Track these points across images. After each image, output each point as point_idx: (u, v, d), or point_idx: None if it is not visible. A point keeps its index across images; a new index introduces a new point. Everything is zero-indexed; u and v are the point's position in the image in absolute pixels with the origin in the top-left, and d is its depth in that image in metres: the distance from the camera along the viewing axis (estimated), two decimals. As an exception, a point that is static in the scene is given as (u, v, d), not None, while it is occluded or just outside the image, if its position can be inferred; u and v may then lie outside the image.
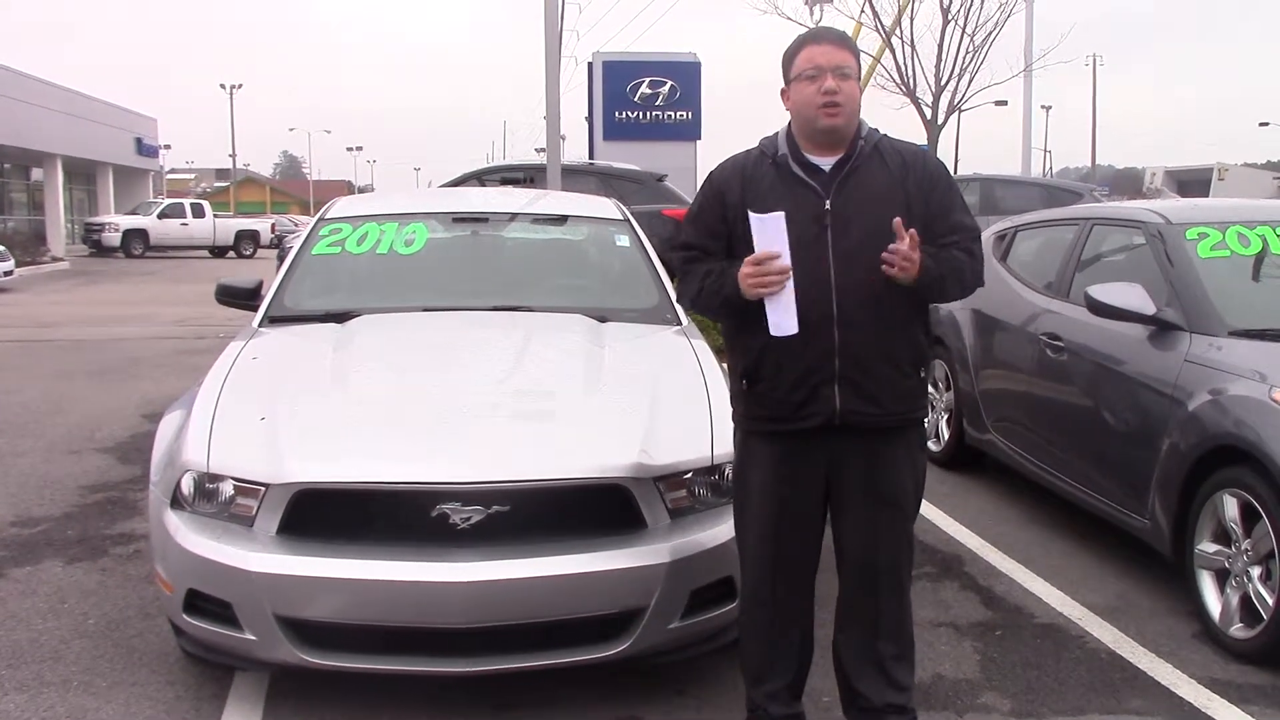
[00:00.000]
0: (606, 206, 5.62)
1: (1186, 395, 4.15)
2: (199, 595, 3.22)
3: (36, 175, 35.56)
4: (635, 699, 3.44)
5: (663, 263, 4.91)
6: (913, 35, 23.35)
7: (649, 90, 21.48)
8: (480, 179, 13.09)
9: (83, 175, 39.00)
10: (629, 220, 5.33)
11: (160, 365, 10.28)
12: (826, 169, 2.85)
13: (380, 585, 3.04)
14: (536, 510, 3.18)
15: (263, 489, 3.17)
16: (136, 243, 34.23)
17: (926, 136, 23.37)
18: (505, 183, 12.23)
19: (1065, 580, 4.57)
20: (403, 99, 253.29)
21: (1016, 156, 29.87)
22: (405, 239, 4.90)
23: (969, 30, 23.00)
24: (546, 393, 3.73)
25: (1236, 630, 3.84)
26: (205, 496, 3.30)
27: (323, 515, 3.17)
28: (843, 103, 2.78)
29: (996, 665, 3.77)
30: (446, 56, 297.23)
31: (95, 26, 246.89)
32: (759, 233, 2.74)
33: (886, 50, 23.36)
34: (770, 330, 2.75)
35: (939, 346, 6.19)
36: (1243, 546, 3.83)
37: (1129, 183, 45.94)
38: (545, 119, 12.59)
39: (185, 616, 3.28)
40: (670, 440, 3.36)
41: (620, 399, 3.65)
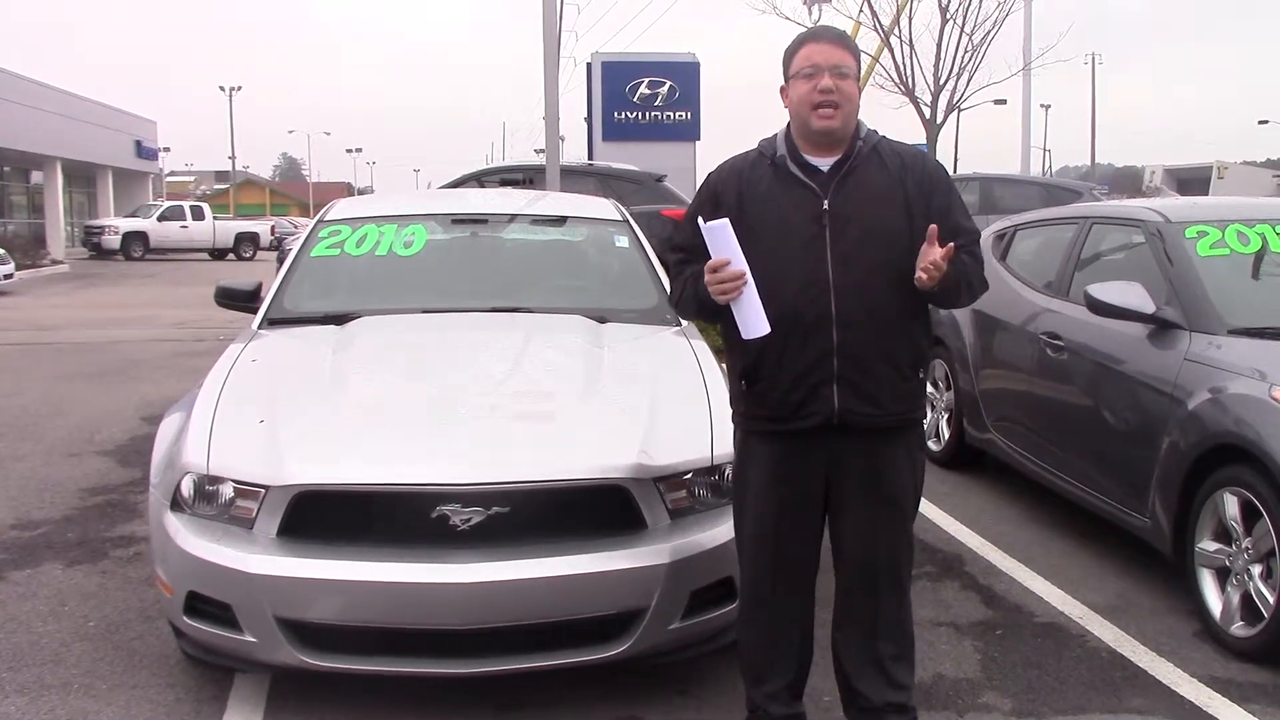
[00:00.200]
0: (605, 207, 5.62)
1: (1186, 394, 4.15)
2: (199, 597, 3.22)
3: (36, 178, 35.57)
4: (636, 699, 3.44)
5: (661, 263, 4.91)
6: (911, 34, 23.39)
7: (648, 91, 21.48)
8: (479, 180, 13.09)
9: (82, 178, 39.02)
10: (628, 221, 5.34)
11: (160, 368, 10.28)
12: (825, 169, 2.85)
13: (380, 587, 3.04)
14: (536, 511, 3.18)
15: (262, 491, 3.17)
16: (136, 245, 34.24)
17: (925, 136, 23.38)
18: (504, 184, 12.23)
19: (1066, 579, 4.57)
20: (402, 100, 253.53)
21: (1016, 155, 29.89)
22: (404, 240, 4.90)
23: (968, 29, 23.03)
24: (546, 394, 3.73)
25: (1237, 629, 3.84)
26: (205, 499, 3.31)
27: (323, 517, 3.17)
28: (840, 102, 2.78)
29: (997, 664, 3.77)
30: (446, 58, 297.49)
31: (95, 27, 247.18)
32: (709, 240, 2.74)
33: (885, 50, 23.38)
34: (742, 334, 2.75)
35: (939, 346, 6.18)
36: (1243, 545, 3.83)
37: (1128, 181, 45.95)
38: (544, 120, 12.59)
39: (185, 618, 3.28)
40: (670, 441, 3.36)
41: (620, 400, 3.65)
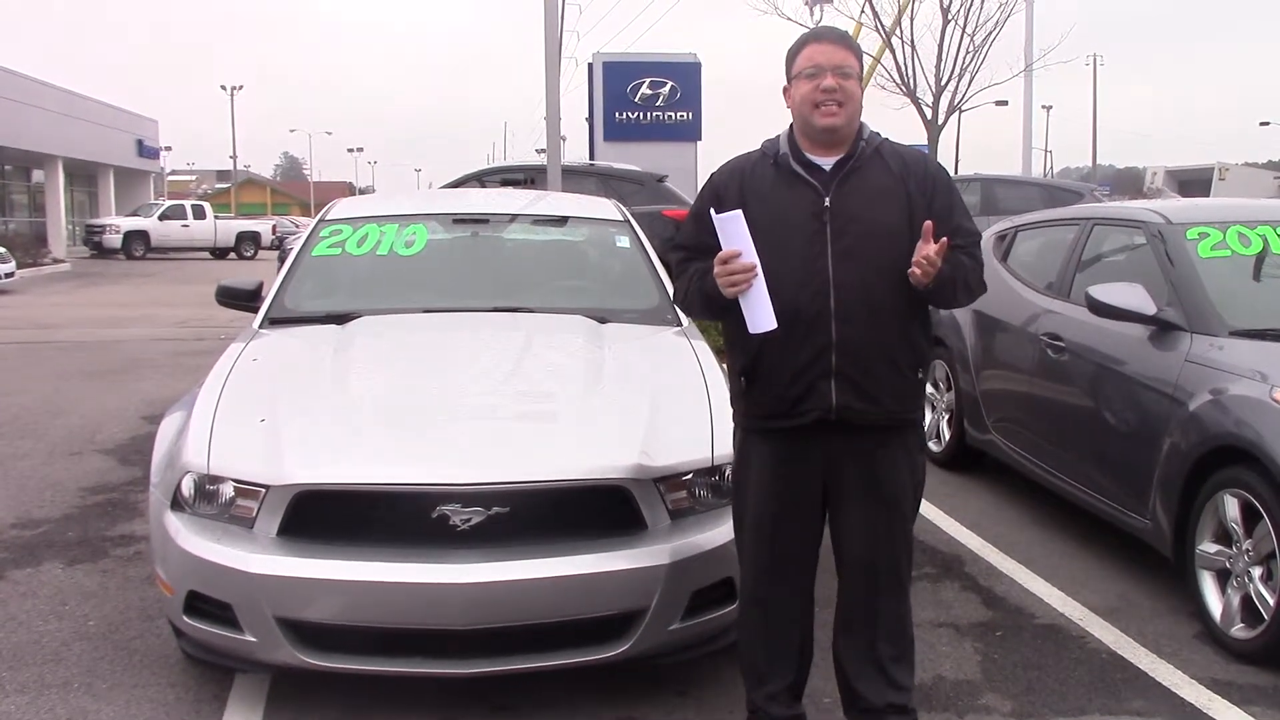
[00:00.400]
0: (606, 207, 5.62)
1: (1187, 395, 4.15)
2: (199, 597, 3.22)
3: (37, 177, 35.59)
4: (636, 700, 3.44)
5: (663, 264, 4.91)
6: (913, 35, 23.37)
7: (649, 91, 21.48)
8: (481, 180, 13.08)
9: (84, 177, 39.04)
10: (629, 221, 5.33)
11: (161, 367, 10.29)
12: (827, 168, 2.86)
13: (380, 587, 3.04)
14: (537, 511, 3.18)
15: (263, 490, 3.17)
16: (137, 244, 34.28)
17: (927, 136, 23.37)
18: (506, 184, 12.23)
19: (1066, 581, 4.57)
20: (404, 100, 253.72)
21: (1017, 156, 29.88)
22: (405, 240, 4.90)
23: (969, 30, 23.01)
24: (546, 394, 3.73)
25: (1238, 631, 3.84)
26: (205, 498, 3.30)
27: (323, 517, 3.17)
28: (843, 101, 2.80)
29: (997, 666, 3.77)
30: (447, 58, 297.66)
31: (97, 26, 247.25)
32: (721, 232, 2.75)
33: (886, 50, 23.36)
34: (749, 328, 2.76)
35: (939, 347, 6.18)
36: (1244, 546, 3.83)
37: (1130, 182, 45.97)
38: (545, 120, 12.58)
39: (185, 618, 3.28)
40: (670, 441, 3.36)
41: (620, 400, 3.65)
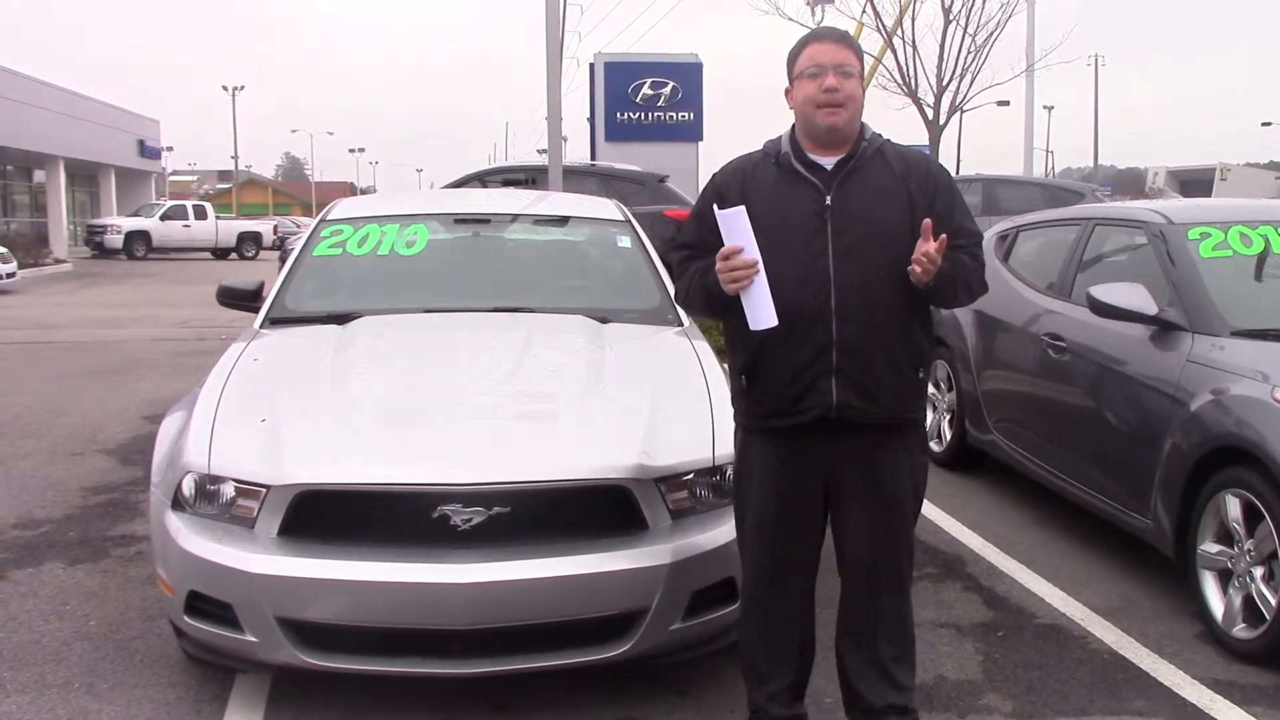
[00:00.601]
0: (608, 208, 5.62)
1: (1189, 395, 4.14)
2: (200, 597, 3.22)
3: (39, 177, 35.60)
4: (636, 700, 3.44)
5: (664, 264, 4.91)
6: (914, 35, 23.35)
7: (650, 91, 21.48)
8: (482, 180, 13.09)
9: (85, 177, 39.05)
10: (630, 221, 5.33)
11: (162, 367, 10.29)
12: (829, 167, 2.87)
13: (381, 587, 3.04)
14: (537, 511, 3.18)
15: (264, 490, 3.17)
16: (139, 244, 34.28)
17: (928, 137, 23.35)
18: (507, 184, 12.23)
19: (1067, 581, 4.57)
20: (405, 100, 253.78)
21: (1018, 157, 29.86)
22: (406, 240, 4.90)
23: (971, 30, 22.97)
24: (547, 394, 3.72)
25: (1239, 631, 3.84)
26: (206, 498, 3.30)
27: (324, 517, 3.17)
28: (844, 100, 2.80)
29: (998, 666, 3.77)
30: (449, 58, 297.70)
31: (98, 26, 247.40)
32: (723, 227, 2.76)
33: (888, 51, 23.34)
34: (750, 326, 2.76)
35: (941, 347, 6.18)
36: (1245, 547, 3.82)
37: (1131, 183, 45.98)
38: (547, 120, 12.59)
39: (186, 618, 3.28)
40: (671, 441, 3.35)
41: (621, 400, 3.65)
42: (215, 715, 3.37)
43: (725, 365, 3.41)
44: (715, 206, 2.81)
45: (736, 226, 2.74)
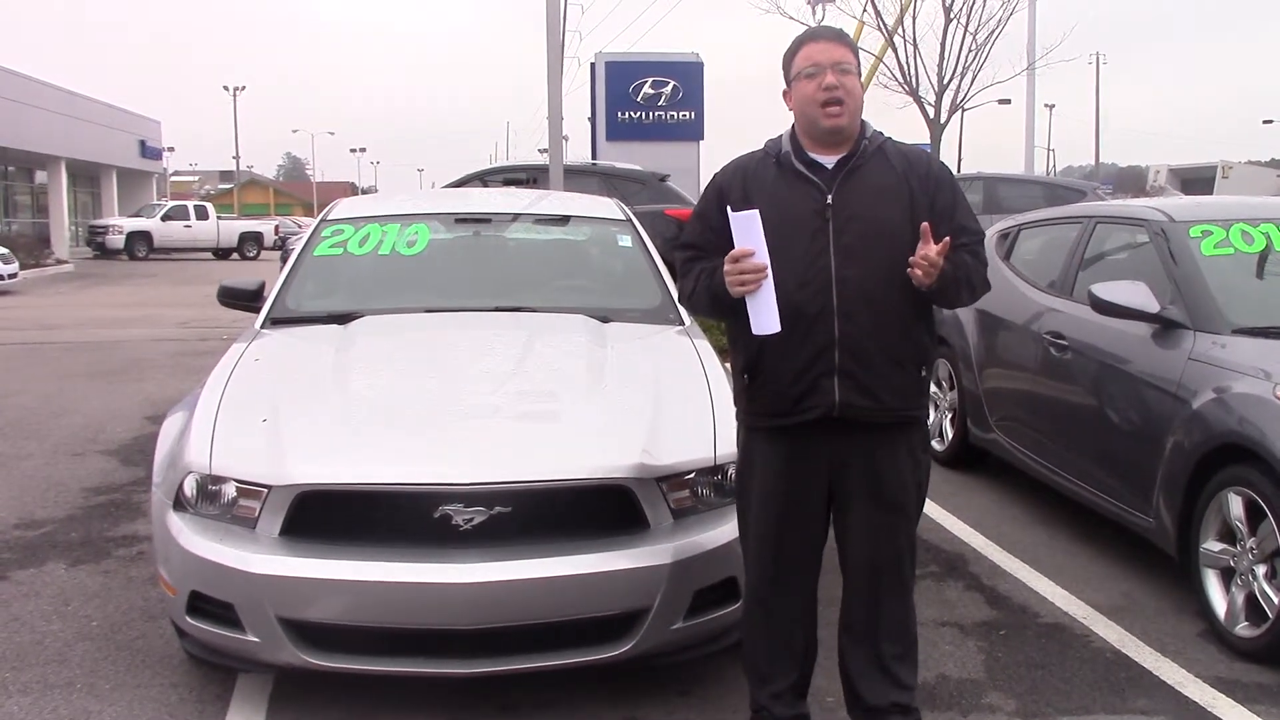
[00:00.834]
0: (609, 207, 5.61)
1: (1191, 393, 4.14)
2: (201, 597, 3.22)
3: (40, 178, 35.62)
4: (638, 700, 3.44)
5: (665, 263, 4.91)
6: (915, 34, 23.34)
7: (651, 90, 21.51)
8: (483, 179, 13.09)
9: (87, 178, 39.08)
10: (631, 220, 5.33)
11: (163, 367, 10.29)
12: (830, 166, 2.86)
13: (383, 587, 3.04)
14: (539, 511, 3.18)
15: (265, 491, 3.17)
16: (140, 245, 34.30)
17: (929, 135, 23.34)
18: (508, 183, 12.24)
19: (1070, 579, 4.56)
20: (406, 100, 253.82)
21: (1019, 155, 29.85)
22: (407, 240, 4.90)
23: (971, 29, 22.97)
24: (549, 393, 3.72)
25: (1242, 629, 3.83)
26: (208, 498, 3.30)
27: (325, 517, 3.17)
28: (844, 98, 2.79)
29: (1001, 665, 3.76)
30: (450, 58, 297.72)
31: (99, 27, 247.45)
32: (736, 230, 2.76)
33: (889, 49, 23.33)
34: (752, 329, 2.76)
35: (942, 345, 6.18)
36: (1248, 545, 3.82)
37: (1132, 181, 45.94)
38: (548, 119, 12.60)
39: (188, 618, 3.28)
40: (673, 440, 3.35)
41: (623, 399, 3.64)
42: (217, 716, 3.36)
43: (727, 364, 3.41)
44: (729, 208, 2.80)
45: (749, 229, 2.73)
